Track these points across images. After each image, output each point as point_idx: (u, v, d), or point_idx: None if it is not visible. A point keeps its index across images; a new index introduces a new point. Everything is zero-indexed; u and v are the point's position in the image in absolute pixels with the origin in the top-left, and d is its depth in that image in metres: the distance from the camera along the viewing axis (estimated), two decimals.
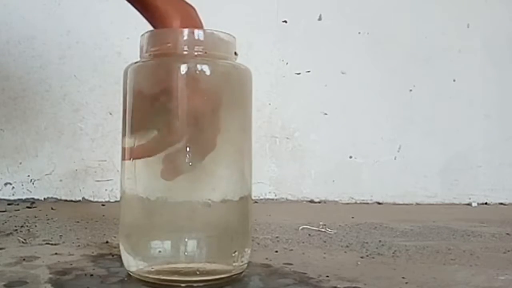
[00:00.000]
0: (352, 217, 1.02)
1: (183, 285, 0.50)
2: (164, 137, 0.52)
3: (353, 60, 1.35)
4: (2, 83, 1.18)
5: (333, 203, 1.32)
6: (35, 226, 0.82)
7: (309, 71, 1.33)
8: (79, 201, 1.20)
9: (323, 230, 0.85)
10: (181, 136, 0.51)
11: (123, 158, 0.54)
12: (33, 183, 1.19)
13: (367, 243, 0.76)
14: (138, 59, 0.55)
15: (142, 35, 0.56)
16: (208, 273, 0.51)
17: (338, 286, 0.53)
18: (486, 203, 1.39)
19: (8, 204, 1.10)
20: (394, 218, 1.03)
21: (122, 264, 0.54)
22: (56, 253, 0.63)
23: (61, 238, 0.73)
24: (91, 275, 0.54)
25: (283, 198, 1.31)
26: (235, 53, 0.55)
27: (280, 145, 1.32)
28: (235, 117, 0.54)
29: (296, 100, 1.32)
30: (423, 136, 1.39)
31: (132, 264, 0.53)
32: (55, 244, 0.69)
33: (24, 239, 0.71)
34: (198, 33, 0.54)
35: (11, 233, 0.76)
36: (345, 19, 1.35)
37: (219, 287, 0.51)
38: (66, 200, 1.19)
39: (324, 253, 0.69)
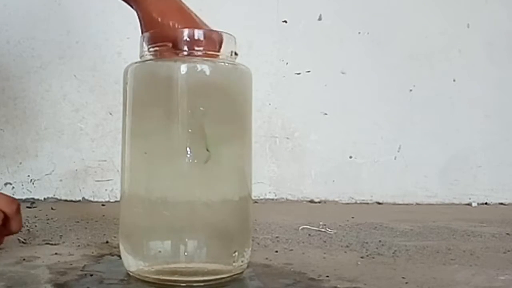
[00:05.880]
0: (352, 217, 1.02)
1: (183, 285, 0.50)
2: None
3: (353, 60, 1.35)
4: (2, 83, 1.18)
5: (333, 203, 1.32)
6: (35, 226, 0.82)
7: (309, 71, 1.33)
8: (79, 201, 1.20)
9: (323, 230, 0.85)
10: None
11: (123, 159, 0.54)
12: (33, 183, 1.19)
13: (367, 243, 0.76)
14: (138, 59, 0.55)
15: (142, 35, 0.56)
16: (208, 273, 0.51)
17: (338, 286, 0.53)
18: (486, 203, 1.39)
19: None
20: (394, 218, 1.03)
21: (122, 264, 0.54)
22: (56, 253, 0.63)
23: (61, 238, 0.73)
24: (91, 275, 0.54)
25: (283, 198, 1.31)
26: (235, 53, 0.55)
27: (280, 145, 1.32)
28: (235, 117, 0.54)
29: (296, 100, 1.32)
30: (423, 136, 1.39)
31: (132, 264, 0.53)
32: (55, 244, 0.69)
33: (24, 239, 0.71)
34: (198, 33, 0.54)
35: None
36: (345, 19, 1.35)
37: (219, 287, 0.51)
38: (66, 200, 1.19)
39: (324, 253, 0.69)
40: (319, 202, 1.31)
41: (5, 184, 1.18)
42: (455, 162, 1.40)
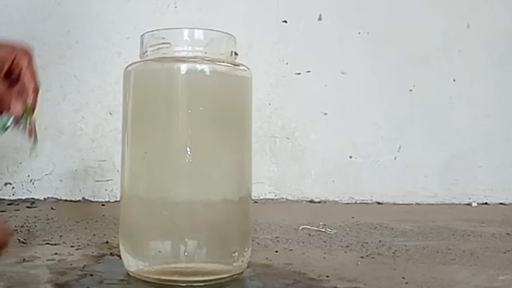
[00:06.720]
0: (352, 217, 1.02)
1: (183, 285, 0.50)
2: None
3: (353, 60, 1.35)
4: None
5: (333, 203, 1.32)
6: (35, 226, 0.82)
7: (309, 71, 1.33)
8: (79, 201, 1.20)
9: (323, 230, 0.85)
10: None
11: (123, 159, 0.54)
12: (33, 183, 1.19)
13: (367, 243, 0.76)
14: (138, 59, 0.55)
15: (142, 35, 0.56)
16: (208, 273, 0.51)
17: (338, 286, 0.53)
18: (486, 203, 1.39)
19: (8, 204, 1.10)
20: (394, 218, 1.03)
21: (122, 264, 0.54)
22: (56, 253, 0.63)
23: (61, 238, 0.73)
24: (91, 275, 0.54)
25: (283, 198, 1.31)
26: (235, 53, 0.55)
27: (280, 145, 1.32)
28: (235, 117, 0.54)
29: (296, 100, 1.32)
30: (423, 136, 1.39)
31: (132, 264, 0.53)
32: (55, 244, 0.69)
33: (24, 239, 0.71)
34: (198, 33, 0.54)
35: (11, 233, 0.76)
36: (345, 19, 1.35)
37: (219, 287, 0.51)
38: (66, 200, 1.19)
39: (324, 253, 0.69)
40: (319, 202, 1.31)
41: (5, 184, 1.18)
42: (455, 162, 1.40)
